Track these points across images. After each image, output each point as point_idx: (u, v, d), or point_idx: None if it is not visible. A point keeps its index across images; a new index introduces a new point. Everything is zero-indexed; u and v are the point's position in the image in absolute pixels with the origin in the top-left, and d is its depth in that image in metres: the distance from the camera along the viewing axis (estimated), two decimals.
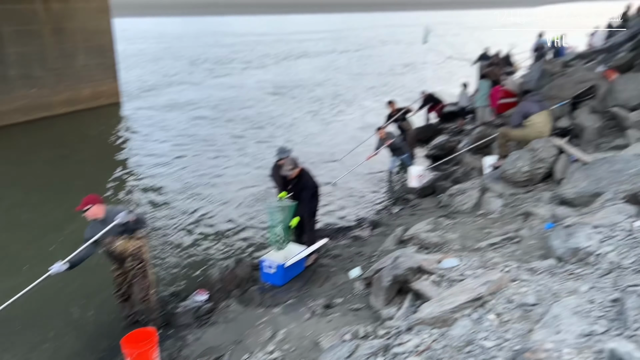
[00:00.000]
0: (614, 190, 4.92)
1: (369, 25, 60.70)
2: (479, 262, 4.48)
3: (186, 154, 13.07)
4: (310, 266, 6.56)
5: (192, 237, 8.36)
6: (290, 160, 6.56)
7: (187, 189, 10.57)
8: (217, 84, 23.59)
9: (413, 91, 17.75)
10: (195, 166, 12.07)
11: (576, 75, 9.93)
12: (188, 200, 10.01)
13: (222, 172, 11.64)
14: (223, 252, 7.82)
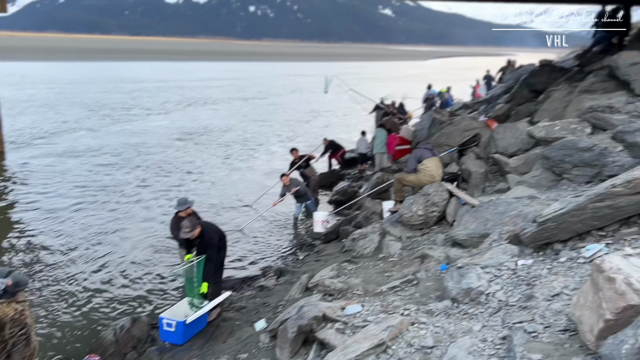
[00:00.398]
0: (498, 231, 5.30)
1: (273, 75, 62.07)
2: (380, 306, 4.56)
3: (84, 204, 12.24)
4: (213, 321, 6.31)
5: (84, 295, 7.74)
6: (188, 223, 6.38)
7: (81, 242, 9.87)
8: (118, 131, 22.65)
9: (317, 138, 18.22)
10: (92, 217, 11.32)
11: (462, 124, 10.76)
12: (81, 254, 9.33)
13: (122, 223, 11.01)
14: (118, 311, 7.30)
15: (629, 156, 5.82)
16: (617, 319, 2.56)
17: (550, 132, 7.35)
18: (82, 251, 9.44)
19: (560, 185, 6.37)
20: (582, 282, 3.47)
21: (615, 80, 9.15)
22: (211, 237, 6.45)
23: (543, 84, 12.71)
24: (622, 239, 3.90)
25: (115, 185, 13.98)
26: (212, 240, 6.44)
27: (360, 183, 14.05)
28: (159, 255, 9.31)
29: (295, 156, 12.91)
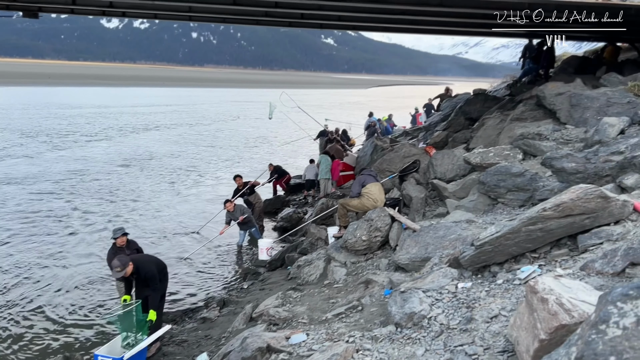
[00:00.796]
0: (439, 255, 5.43)
1: (217, 101, 61.67)
2: (325, 334, 4.53)
3: (22, 234, 11.61)
4: (152, 356, 6.04)
5: (15, 332, 7.22)
6: (118, 262, 6.17)
7: (16, 273, 9.33)
8: (58, 157, 21.79)
9: (263, 163, 18.20)
10: (30, 247, 10.76)
11: (402, 150, 11.08)
12: (15, 285, 8.78)
13: (59, 253, 10.51)
14: (51, 349, 6.85)
15: (557, 181, 6.15)
16: (551, 338, 2.66)
17: (485, 158, 7.67)
18: (16, 282, 8.89)
19: (496, 209, 6.64)
20: (518, 303, 3.59)
21: (543, 109, 9.73)
22: (148, 270, 6.26)
23: (477, 112, 13.33)
24: (553, 260, 4.08)
25: (56, 213, 13.43)
26: (150, 272, 6.25)
27: (305, 209, 14.08)
28: (97, 287, 8.88)
29: (239, 183, 12.80)
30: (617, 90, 8.71)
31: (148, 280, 6.24)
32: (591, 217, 4.02)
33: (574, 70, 14.04)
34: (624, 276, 3.39)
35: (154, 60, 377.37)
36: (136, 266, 6.27)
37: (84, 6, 12.77)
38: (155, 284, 6.32)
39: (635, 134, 6.47)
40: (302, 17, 13.38)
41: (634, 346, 1.98)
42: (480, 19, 13.36)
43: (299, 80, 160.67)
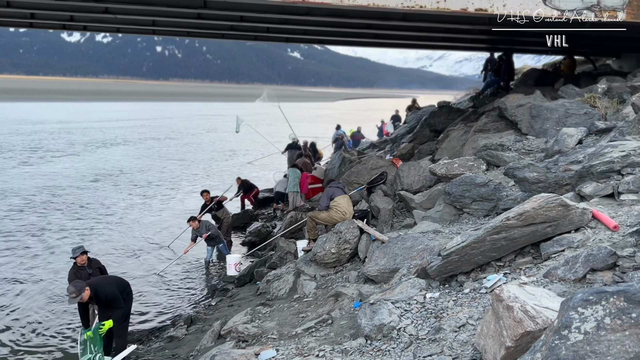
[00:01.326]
0: (407, 266, 5.47)
1: (184, 115, 61.01)
2: (295, 349, 4.49)
3: None
4: None
5: None
6: (73, 288, 6.03)
7: None
8: (25, 173, 21.31)
9: (233, 176, 18.06)
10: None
11: (370, 162, 11.17)
12: None
13: (18, 273, 10.15)
14: None
15: (519, 190, 6.30)
16: (517, 345, 2.70)
17: (450, 169, 7.81)
18: None
19: (462, 219, 6.74)
20: (484, 311, 3.64)
21: (505, 120, 10.00)
22: (108, 292, 6.12)
23: (442, 124, 13.60)
24: (517, 268, 4.16)
25: (27, 229, 13.20)
26: (111, 293, 6.15)
27: (274, 223, 14.00)
28: (62, 306, 8.58)
29: (207, 198, 12.64)
30: (575, 102, 9.04)
31: (110, 301, 6.10)
32: (553, 225, 4.12)
33: (534, 82, 14.53)
34: (585, 282, 3.49)
35: (117, 74, 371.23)
36: (94, 290, 6.12)
37: (44, 20, 12.49)
38: (119, 303, 6.18)
39: (592, 144, 6.70)
40: (268, 31, 13.43)
41: (595, 350, 2.03)
42: (442, 32, 13.69)
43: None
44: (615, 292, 2.09)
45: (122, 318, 6.24)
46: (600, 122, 7.50)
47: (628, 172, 5.03)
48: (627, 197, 4.62)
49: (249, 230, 13.29)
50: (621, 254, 3.52)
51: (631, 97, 7.99)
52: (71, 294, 5.92)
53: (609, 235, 3.93)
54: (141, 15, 12.00)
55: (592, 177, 5.29)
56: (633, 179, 4.74)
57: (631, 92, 8.99)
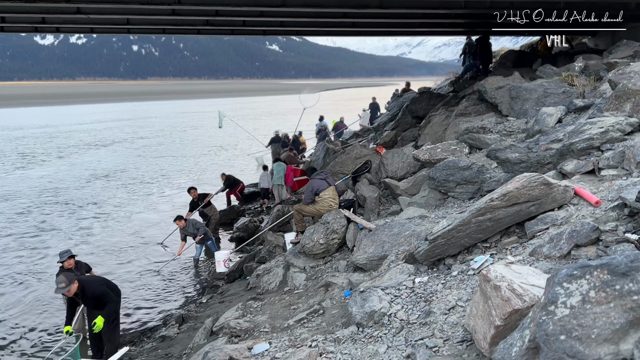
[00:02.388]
0: (395, 252, 5.50)
1: (165, 113, 60.43)
2: (288, 341, 4.49)
3: None
4: None
5: None
6: (64, 277, 5.98)
7: None
8: (19, 176, 21.65)
9: (222, 171, 18.05)
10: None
11: (353, 152, 11.17)
12: None
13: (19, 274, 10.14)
14: None
15: (502, 171, 6.36)
16: (506, 324, 2.73)
17: (433, 154, 7.84)
18: None
19: (447, 203, 6.79)
20: (473, 292, 3.67)
21: (485, 103, 10.06)
22: (95, 289, 6.08)
23: (424, 110, 13.64)
24: (504, 249, 4.21)
25: (23, 231, 13.41)
26: (99, 290, 6.12)
27: (261, 217, 13.97)
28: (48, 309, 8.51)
29: (194, 195, 12.59)
30: (553, 81, 9.13)
31: (98, 297, 6.05)
32: (536, 204, 4.17)
33: (512, 64, 14.62)
34: (570, 258, 3.54)
35: (94, 75, 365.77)
36: (81, 286, 6.06)
37: (15, 23, 12.25)
38: (109, 297, 6.13)
39: (571, 122, 6.78)
40: (244, 24, 13.32)
41: (581, 324, 2.06)
42: (419, 18, 13.70)
43: (246, 88, 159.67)
44: (599, 266, 2.12)
45: (113, 314, 6.16)
46: (579, 100, 7.58)
47: (607, 148, 5.10)
48: (607, 173, 4.69)
49: (237, 225, 13.24)
50: (604, 228, 3.57)
51: (608, 74, 8.09)
52: (60, 284, 5.88)
53: (591, 211, 3.99)
54: (114, 14, 11.81)
55: (572, 154, 5.35)
56: (612, 154, 4.81)
57: (607, 69, 9.10)
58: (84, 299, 6.09)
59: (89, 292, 6.04)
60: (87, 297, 6.05)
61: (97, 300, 6.10)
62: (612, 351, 2.00)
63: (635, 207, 3.54)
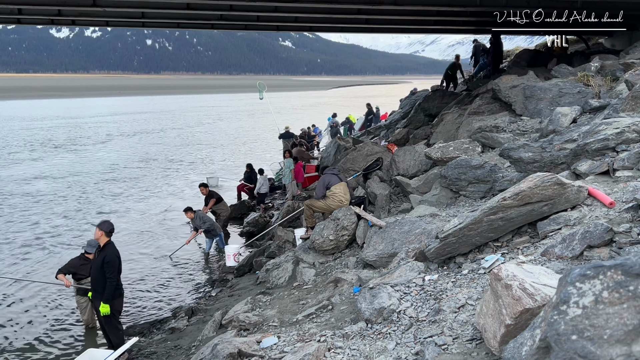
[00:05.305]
0: (405, 250, 5.49)
1: (183, 107, 60.87)
2: (297, 335, 4.50)
3: None
4: None
5: None
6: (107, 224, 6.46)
7: None
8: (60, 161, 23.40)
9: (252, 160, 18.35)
10: None
11: (365, 149, 11.14)
12: None
13: None
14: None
15: (515, 171, 6.31)
16: (516, 323, 2.72)
17: (445, 152, 7.81)
18: None
19: (458, 202, 6.76)
20: (483, 291, 3.65)
21: (499, 102, 9.98)
22: (112, 255, 6.26)
23: (436, 108, 13.57)
24: (515, 248, 4.18)
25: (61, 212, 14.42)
26: (112, 258, 6.27)
27: (271, 212, 14.00)
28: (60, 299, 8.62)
29: (204, 192, 12.65)
30: (568, 81, 9.03)
31: (106, 264, 6.15)
32: (549, 204, 4.13)
33: (527, 63, 14.48)
34: (582, 259, 3.51)
35: (108, 69, 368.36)
36: (107, 243, 6.31)
37: (31, 15, 12.36)
38: (112, 272, 6.21)
39: (586, 122, 6.71)
40: (258, 19, 13.33)
41: (594, 324, 2.04)
42: (434, 16, 13.62)
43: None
44: (613, 266, 2.10)
45: (113, 288, 6.22)
46: (594, 100, 7.50)
47: (623, 149, 5.03)
48: (622, 174, 4.63)
49: (247, 220, 13.30)
50: (617, 229, 3.53)
51: (624, 74, 7.99)
52: (102, 225, 6.35)
53: (605, 212, 3.94)
54: (130, 8, 11.87)
55: (587, 155, 5.30)
56: (628, 155, 4.75)
57: (624, 69, 8.99)
58: (95, 264, 6.28)
59: (109, 253, 6.20)
60: (99, 259, 6.23)
61: (103, 267, 6.19)
62: (624, 352, 1.98)
63: None
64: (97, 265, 6.24)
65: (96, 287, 6.32)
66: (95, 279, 6.33)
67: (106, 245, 6.30)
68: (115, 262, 6.27)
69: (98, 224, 6.47)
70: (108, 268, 6.16)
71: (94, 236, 6.50)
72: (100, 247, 6.33)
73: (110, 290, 6.16)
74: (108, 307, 6.11)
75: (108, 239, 6.35)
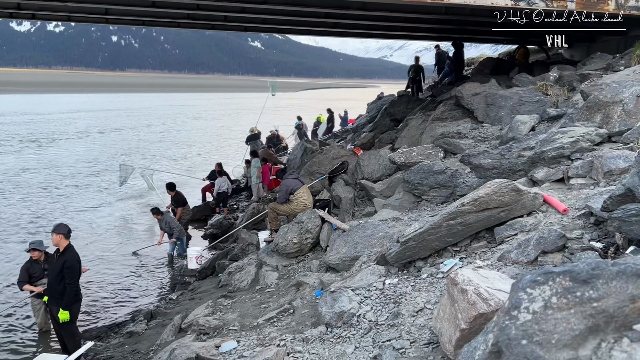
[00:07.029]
0: (367, 253, 5.52)
1: (150, 105, 59.74)
2: (257, 339, 4.47)
3: None
4: None
5: None
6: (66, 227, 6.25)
7: None
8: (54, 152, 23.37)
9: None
10: None
11: (331, 152, 11.16)
12: None
13: None
14: None
15: (475, 177, 6.44)
16: (471, 327, 2.76)
17: (409, 157, 7.90)
18: None
19: (420, 206, 6.85)
20: (441, 296, 3.70)
21: (461, 108, 10.17)
22: (72, 260, 6.00)
23: (402, 113, 13.73)
24: (473, 253, 4.26)
25: None
26: (73, 262, 6.04)
27: (235, 214, 13.87)
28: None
29: (172, 194, 12.44)
30: (528, 90, 9.28)
31: (67, 269, 5.94)
32: (506, 209, 4.23)
33: (490, 71, 14.83)
34: (537, 264, 3.60)
35: (71, 65, 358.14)
36: (67, 247, 6.10)
37: None
38: (72, 277, 6.01)
39: (544, 130, 6.91)
40: (226, 19, 13.22)
41: (542, 329, 2.09)
42: (401, 22, 13.79)
43: (227, 84, 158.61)
44: (562, 272, 2.15)
45: (72, 294, 6.02)
46: (552, 109, 7.73)
47: (577, 157, 5.20)
48: (576, 182, 4.79)
49: (211, 222, 13.13)
50: (570, 236, 3.64)
51: (580, 85, 8.27)
52: (58, 226, 6.20)
53: (559, 218, 4.06)
54: (93, 4, 11.58)
55: (543, 162, 5.45)
56: (581, 163, 4.91)
57: (580, 80, 9.30)
58: (52, 269, 6.10)
59: (69, 257, 5.99)
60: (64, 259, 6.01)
61: (63, 272, 5.98)
62: (571, 356, 2.04)
63: (601, 216, 3.63)
64: (56, 269, 6.03)
65: (53, 292, 6.11)
66: (52, 283, 6.12)
67: (66, 249, 6.09)
68: (76, 267, 6.08)
69: (53, 228, 6.22)
70: (68, 273, 5.95)
71: (52, 242, 6.21)
72: (60, 251, 6.11)
73: (70, 296, 5.97)
74: (67, 313, 5.91)
75: (68, 241, 6.14)
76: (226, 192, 14.50)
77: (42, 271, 6.95)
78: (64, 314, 5.89)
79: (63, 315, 5.89)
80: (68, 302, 5.95)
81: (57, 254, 6.16)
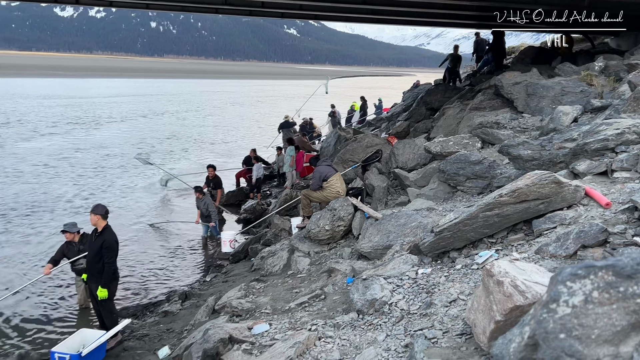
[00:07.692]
0: (400, 243, 5.49)
1: (190, 91, 60.74)
2: (288, 323, 4.52)
3: None
4: (112, 349, 5.91)
5: None
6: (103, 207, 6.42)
7: None
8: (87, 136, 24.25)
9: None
10: None
11: (365, 140, 11.11)
12: None
13: None
14: (3, 349, 6.60)
15: (514, 168, 6.30)
16: (506, 319, 2.72)
17: (445, 147, 7.78)
18: None
19: (455, 197, 6.75)
20: (475, 287, 3.66)
21: (501, 98, 9.94)
22: (111, 240, 6.21)
23: (438, 102, 13.51)
24: (509, 245, 4.18)
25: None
26: (112, 242, 6.24)
27: (269, 200, 14.01)
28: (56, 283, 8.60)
29: (211, 174, 12.75)
30: (571, 80, 8.98)
31: (105, 249, 6.14)
32: (545, 202, 4.12)
33: (531, 60, 14.40)
34: (576, 258, 3.51)
35: (111, 50, 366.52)
36: (105, 227, 6.29)
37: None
38: (111, 257, 6.20)
39: (587, 122, 6.68)
40: (263, 5, 13.24)
41: (582, 323, 2.04)
42: (440, 9, 13.53)
43: (262, 70, 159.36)
44: (604, 267, 2.09)
45: (110, 273, 6.22)
46: (596, 100, 7.46)
47: (622, 150, 5.02)
48: (620, 175, 4.62)
49: (244, 207, 13.30)
50: (612, 230, 3.53)
51: (628, 75, 7.95)
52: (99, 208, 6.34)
53: (601, 212, 3.94)
54: None
55: (586, 154, 5.28)
56: (626, 156, 4.74)
57: (628, 70, 8.94)
58: (92, 247, 6.27)
59: (107, 237, 6.18)
60: (102, 239, 6.19)
61: (102, 252, 6.18)
62: (611, 352, 1.99)
63: None
64: (95, 249, 6.23)
65: (91, 270, 6.32)
66: (91, 261, 6.33)
67: (105, 230, 6.28)
68: (114, 247, 6.26)
69: (92, 209, 6.40)
70: (107, 253, 6.15)
71: (91, 222, 6.41)
72: (98, 231, 6.31)
73: (108, 275, 6.16)
74: (106, 291, 6.11)
75: (105, 222, 6.33)
76: (260, 178, 14.67)
77: (76, 252, 7.18)
78: (102, 291, 6.09)
79: (102, 292, 6.09)
80: (106, 281, 6.14)
81: (95, 234, 6.36)
